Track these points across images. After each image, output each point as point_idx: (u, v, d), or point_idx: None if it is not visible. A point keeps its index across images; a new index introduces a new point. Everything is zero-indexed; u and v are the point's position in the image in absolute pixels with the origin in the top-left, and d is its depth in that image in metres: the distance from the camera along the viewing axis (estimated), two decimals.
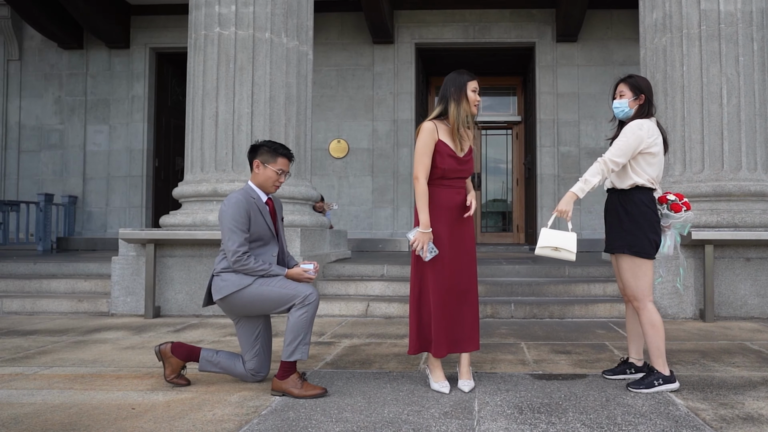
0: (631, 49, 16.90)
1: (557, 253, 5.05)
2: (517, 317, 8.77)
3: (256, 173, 5.25)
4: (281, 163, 5.25)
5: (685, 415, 4.35)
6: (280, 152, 5.27)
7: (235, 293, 5.00)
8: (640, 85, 5.30)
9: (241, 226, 4.99)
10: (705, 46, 9.22)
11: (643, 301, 5.14)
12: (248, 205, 5.07)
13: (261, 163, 5.22)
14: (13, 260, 11.96)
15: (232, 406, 4.63)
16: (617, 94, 5.37)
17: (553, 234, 5.05)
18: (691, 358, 6.21)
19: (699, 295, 8.71)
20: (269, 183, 5.25)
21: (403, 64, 17.80)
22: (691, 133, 9.26)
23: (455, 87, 5.19)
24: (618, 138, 5.13)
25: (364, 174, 17.70)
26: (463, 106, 5.16)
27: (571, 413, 4.40)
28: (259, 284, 5.00)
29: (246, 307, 5.07)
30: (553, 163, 17.12)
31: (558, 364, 6.02)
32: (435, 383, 5.14)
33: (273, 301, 4.98)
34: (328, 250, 11.09)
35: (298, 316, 4.89)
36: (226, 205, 5.05)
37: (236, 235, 4.95)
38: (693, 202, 9.07)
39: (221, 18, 9.63)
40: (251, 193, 5.20)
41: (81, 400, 4.80)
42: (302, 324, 4.89)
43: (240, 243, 4.95)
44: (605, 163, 5.03)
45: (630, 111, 5.28)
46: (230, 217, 4.98)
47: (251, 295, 4.99)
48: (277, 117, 9.74)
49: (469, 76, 5.24)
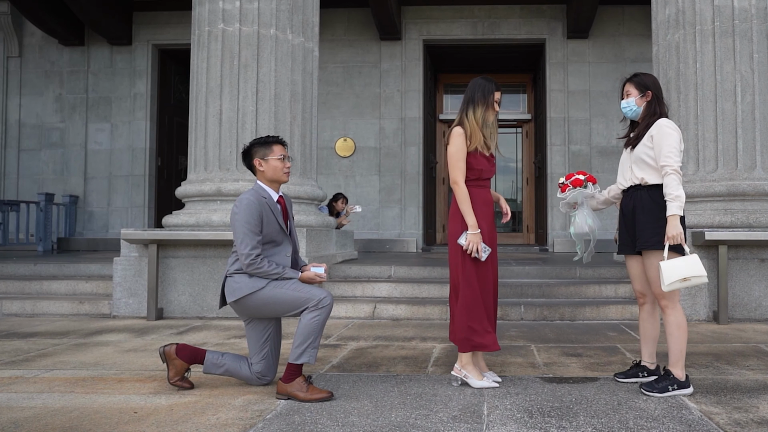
0: (644, 46, 16.88)
1: (689, 282, 4.98)
2: (527, 319, 8.76)
3: (261, 171, 5.26)
4: (278, 150, 5.28)
5: (699, 419, 4.34)
6: (271, 140, 5.33)
7: (249, 296, 5.01)
8: (645, 82, 5.33)
9: (254, 228, 4.99)
10: (719, 43, 9.21)
11: (673, 300, 5.13)
12: (260, 206, 5.07)
13: (261, 159, 5.24)
14: (13, 261, 11.98)
15: (237, 409, 4.63)
16: (624, 94, 5.40)
17: (677, 265, 4.93)
18: (704, 361, 6.19)
19: (712, 297, 8.68)
20: (279, 173, 5.27)
21: (410, 61, 17.82)
22: (705, 132, 9.24)
23: (482, 93, 5.45)
24: (658, 144, 5.08)
25: (371, 173, 17.72)
26: (488, 112, 5.45)
27: (582, 417, 4.40)
28: (272, 287, 5.00)
29: (259, 309, 5.08)
30: (563, 162, 17.11)
31: (569, 367, 6.02)
32: (480, 381, 5.28)
33: (287, 304, 4.99)
34: (335, 251, 11.10)
35: (310, 318, 4.89)
36: (237, 207, 5.05)
37: (249, 237, 4.96)
38: (707, 202, 9.08)
39: (225, 14, 9.64)
40: (261, 192, 5.20)
41: (82, 403, 4.81)
42: (313, 327, 4.89)
43: (253, 246, 4.95)
44: (677, 172, 5.01)
45: (638, 109, 5.31)
46: (242, 219, 4.98)
47: (265, 297, 5.00)
48: (282, 115, 9.75)
49: (496, 86, 5.53)
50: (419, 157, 17.68)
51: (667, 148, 5.03)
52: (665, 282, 4.92)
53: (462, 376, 5.31)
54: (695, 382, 5.32)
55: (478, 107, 5.38)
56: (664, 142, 5.05)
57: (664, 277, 4.93)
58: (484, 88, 5.43)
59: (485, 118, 5.40)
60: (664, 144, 5.05)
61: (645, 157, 5.15)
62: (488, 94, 5.40)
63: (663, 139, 5.07)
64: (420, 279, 10.26)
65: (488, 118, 5.42)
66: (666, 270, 4.93)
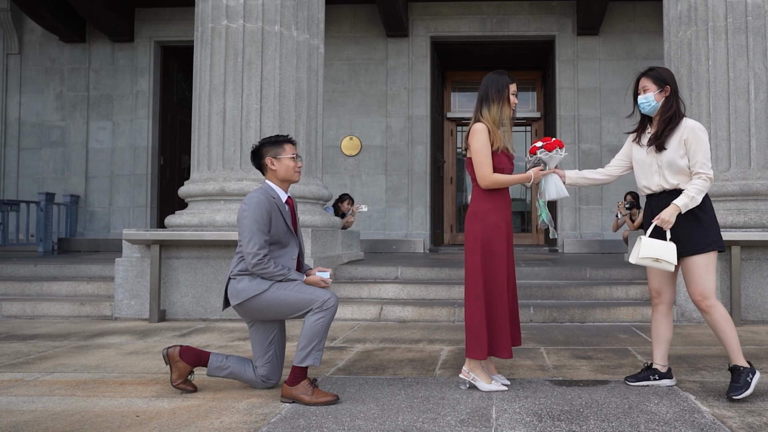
0: (655, 43, 16.80)
1: (657, 264, 5.10)
2: (537, 321, 8.76)
3: (273, 170, 5.26)
4: (289, 149, 5.31)
5: (711, 423, 4.34)
6: (281, 140, 5.35)
7: (253, 298, 5.01)
8: (663, 76, 5.32)
9: (263, 228, 5.00)
10: (731, 40, 9.19)
11: (712, 298, 5.14)
12: (269, 206, 5.08)
13: (273, 158, 5.25)
14: (12, 262, 12.02)
15: (240, 413, 4.64)
16: (641, 89, 5.37)
17: (655, 244, 5.08)
18: (716, 364, 6.18)
19: (725, 299, 8.64)
20: (290, 172, 5.29)
21: (417, 58, 17.82)
22: (717, 130, 9.22)
23: (496, 89, 5.40)
24: (694, 150, 5.08)
25: (377, 172, 17.72)
26: (503, 108, 5.41)
27: (592, 421, 4.40)
28: (276, 288, 5.01)
29: (263, 311, 5.08)
30: (573, 161, 17.04)
31: (579, 369, 6.02)
32: (488, 384, 5.29)
33: (291, 306, 4.99)
34: (340, 252, 11.11)
35: (315, 320, 4.90)
36: (247, 204, 5.06)
37: (257, 236, 4.96)
38: (719, 202, 9.03)
39: (229, 10, 9.65)
40: (271, 192, 5.21)
41: (83, 407, 4.82)
42: (318, 329, 4.90)
43: (260, 245, 4.96)
44: (709, 178, 5.04)
45: (657, 104, 5.29)
46: (252, 217, 4.99)
47: (269, 299, 5.00)
48: (287, 113, 9.76)
49: (510, 78, 5.47)
50: (426, 156, 17.68)
51: (702, 156, 5.08)
52: (639, 254, 5.11)
53: (470, 379, 5.31)
54: (707, 386, 5.33)
55: (493, 104, 5.33)
56: (700, 149, 5.09)
57: (641, 251, 5.10)
58: (498, 83, 5.37)
59: (501, 114, 5.37)
60: (700, 150, 5.09)
61: (680, 163, 5.14)
62: (503, 88, 5.35)
63: (699, 145, 5.09)
64: (427, 280, 10.27)
65: (504, 113, 5.38)
66: (645, 245, 5.10)
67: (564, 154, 5.55)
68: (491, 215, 5.32)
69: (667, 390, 5.22)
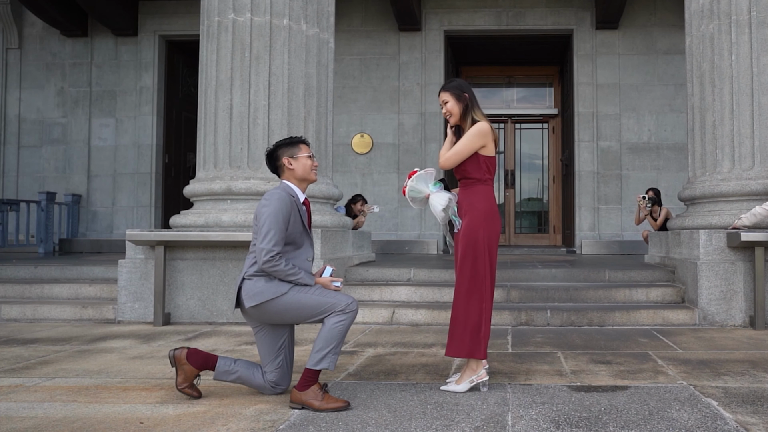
0: (676, 37, 16.83)
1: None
2: (554, 324, 8.75)
3: (291, 169, 5.31)
4: (305, 149, 5.36)
5: (734, 430, 4.33)
6: (296, 141, 5.42)
7: (271, 300, 5.02)
8: None
9: (282, 225, 5.02)
10: (755, 34, 9.17)
11: None
12: (290, 205, 5.12)
13: (290, 157, 5.29)
14: (12, 263, 12.04)
15: (248, 420, 4.65)
16: None
17: None
18: (740, 369, 6.18)
19: (749, 301, 8.64)
20: (308, 170, 5.35)
21: (431, 53, 17.82)
22: (741, 127, 9.20)
23: (471, 93, 5.63)
24: None
25: (389, 171, 17.72)
26: None
27: (611, 427, 4.40)
28: (296, 291, 5.03)
29: (280, 314, 5.09)
30: (592, 160, 17.07)
31: (597, 375, 6.01)
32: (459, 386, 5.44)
33: (311, 309, 5.01)
34: (351, 253, 11.12)
35: (335, 323, 4.92)
36: (268, 200, 5.09)
37: (275, 232, 4.97)
38: (743, 201, 9.02)
39: (236, 3, 9.65)
40: (290, 191, 5.24)
41: (85, 413, 4.84)
42: (337, 332, 4.92)
43: (276, 242, 4.97)
44: None
45: None
46: (273, 213, 5.01)
47: (288, 302, 5.01)
48: (295, 109, 9.76)
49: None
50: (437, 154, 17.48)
51: None
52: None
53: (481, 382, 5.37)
54: (730, 391, 5.32)
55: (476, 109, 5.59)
56: None
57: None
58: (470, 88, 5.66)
59: None
60: None
61: None
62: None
63: None
64: (441, 282, 10.26)
65: None
66: None
67: (425, 171, 5.83)
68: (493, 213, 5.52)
69: (689, 396, 5.21)
